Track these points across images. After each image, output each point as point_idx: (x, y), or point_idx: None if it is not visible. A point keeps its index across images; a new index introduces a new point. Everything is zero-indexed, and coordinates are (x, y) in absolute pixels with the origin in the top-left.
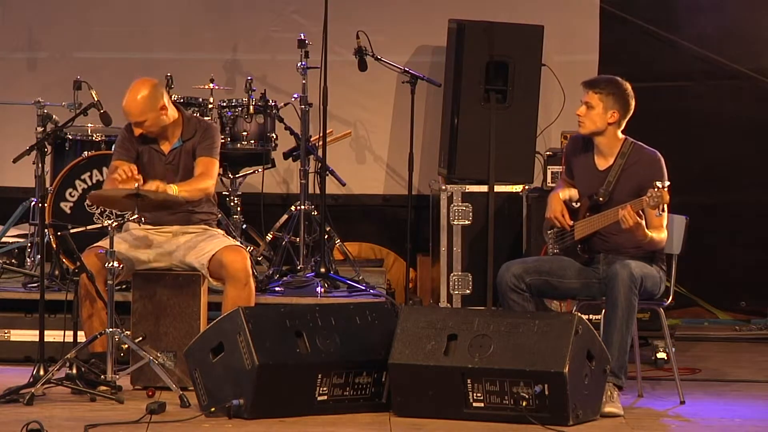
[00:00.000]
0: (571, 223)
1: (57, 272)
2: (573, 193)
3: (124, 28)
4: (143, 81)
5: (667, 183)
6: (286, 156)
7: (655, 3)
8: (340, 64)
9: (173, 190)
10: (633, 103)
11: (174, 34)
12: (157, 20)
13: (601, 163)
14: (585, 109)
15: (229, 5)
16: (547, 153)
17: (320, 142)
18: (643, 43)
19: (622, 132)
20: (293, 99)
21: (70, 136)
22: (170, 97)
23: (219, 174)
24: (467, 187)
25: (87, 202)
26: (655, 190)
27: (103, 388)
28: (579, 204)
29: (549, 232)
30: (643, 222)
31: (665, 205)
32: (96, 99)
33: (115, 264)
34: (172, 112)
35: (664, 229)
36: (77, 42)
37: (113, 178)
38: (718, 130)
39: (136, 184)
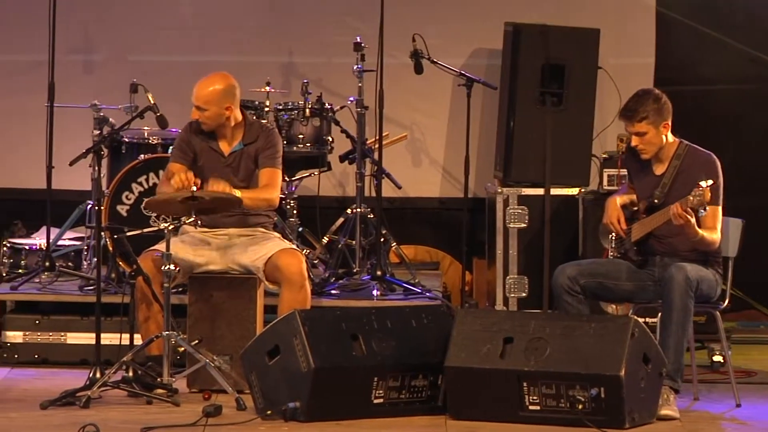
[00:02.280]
0: (625, 227)
1: (113, 275)
2: (633, 197)
3: (180, 31)
4: (224, 75)
5: (711, 182)
6: (342, 159)
7: (710, 6)
8: (396, 67)
9: (237, 195)
10: (669, 103)
11: (231, 37)
12: (214, 23)
13: (658, 168)
14: (638, 138)
15: (286, 8)
16: (603, 156)
17: (376, 145)
18: (699, 46)
19: (674, 135)
20: (349, 102)
21: (126, 139)
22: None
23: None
24: (523, 189)
25: (143, 205)
26: (699, 189)
27: (159, 391)
28: (638, 207)
29: (610, 236)
30: (694, 220)
31: (712, 205)
32: (152, 102)
33: (172, 267)
34: (236, 115)
35: (717, 231)
36: (134, 45)
37: (169, 185)
38: None
39: (193, 188)
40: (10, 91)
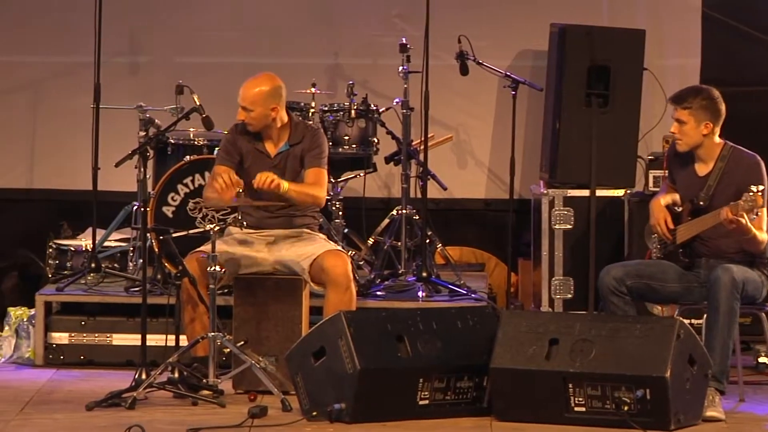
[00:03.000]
0: (671, 228)
1: (159, 276)
2: (676, 197)
3: (226, 32)
4: (270, 76)
5: (762, 187)
6: (387, 160)
7: (756, 6)
8: (441, 68)
9: (284, 185)
10: (723, 108)
11: (276, 38)
12: (259, 25)
13: (701, 169)
14: (677, 125)
15: (331, 10)
16: (649, 157)
17: (422, 147)
18: (745, 47)
19: (720, 136)
20: (395, 103)
21: (172, 141)
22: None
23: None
24: (569, 191)
25: (189, 206)
26: (750, 194)
27: (204, 392)
28: (681, 208)
29: (653, 237)
30: (745, 221)
31: (761, 210)
32: (198, 103)
33: (217, 268)
34: (282, 116)
35: (763, 231)
36: (179, 46)
37: (213, 186)
38: None
39: (238, 190)
40: (56, 93)
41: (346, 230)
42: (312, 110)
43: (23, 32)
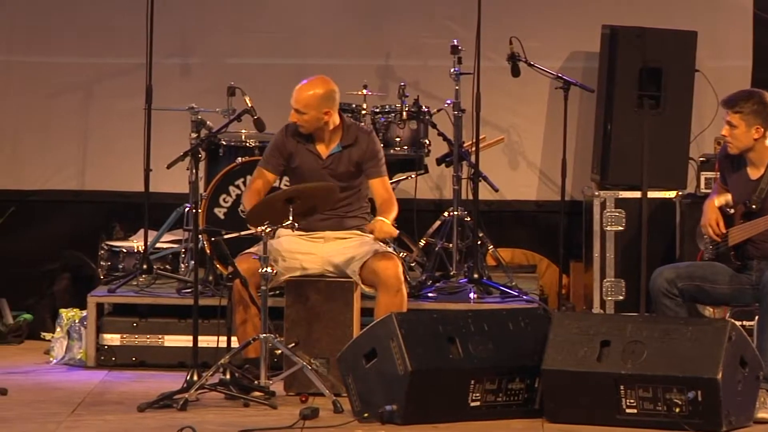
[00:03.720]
0: (724, 231)
1: (211, 278)
2: (728, 198)
3: (277, 34)
4: (324, 80)
5: None
6: (439, 162)
7: None
8: (493, 69)
9: (391, 228)
10: None
11: (327, 40)
12: (310, 26)
13: (753, 173)
14: (728, 128)
15: (383, 11)
16: (701, 159)
17: (473, 148)
18: None
19: None
20: (446, 105)
21: (223, 142)
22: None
23: None
24: (620, 192)
25: (241, 208)
26: None
27: (256, 393)
28: (734, 210)
29: (704, 238)
30: None
31: None
32: (250, 105)
33: (269, 269)
34: (335, 119)
35: None
36: (231, 48)
37: (253, 191)
38: None
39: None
40: (108, 94)
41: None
42: (363, 112)
43: (75, 34)
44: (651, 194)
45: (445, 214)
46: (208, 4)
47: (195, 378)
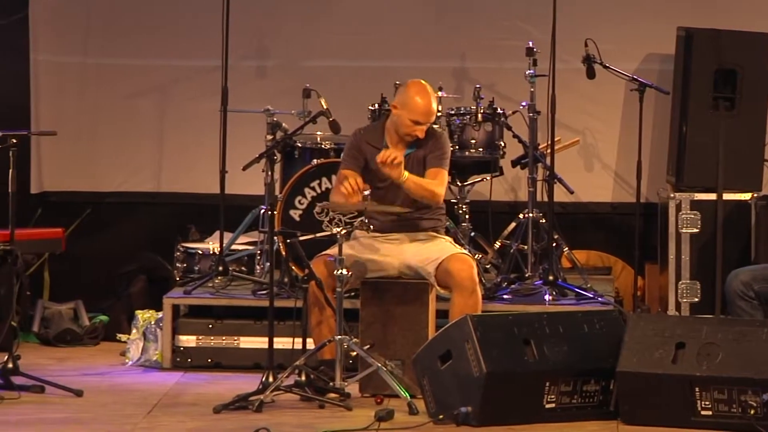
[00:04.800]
0: None
1: (286, 280)
2: None
3: (352, 36)
4: (428, 84)
5: None
6: (514, 164)
7: None
8: (568, 71)
9: (404, 175)
10: None
11: (402, 41)
12: (385, 28)
13: None
14: None
15: (458, 13)
16: None
17: (548, 150)
18: None
19: None
20: (521, 107)
21: (299, 144)
22: None
23: (447, 182)
24: (696, 194)
25: (316, 210)
26: None
27: (331, 395)
28: None
29: None
30: None
31: None
32: (325, 107)
33: (344, 271)
34: None
35: None
36: (306, 50)
37: (340, 191)
38: None
39: (365, 193)
40: (184, 96)
41: (472, 234)
42: (439, 113)
43: (151, 36)
44: (726, 196)
45: (520, 216)
46: (284, 6)
47: (270, 380)
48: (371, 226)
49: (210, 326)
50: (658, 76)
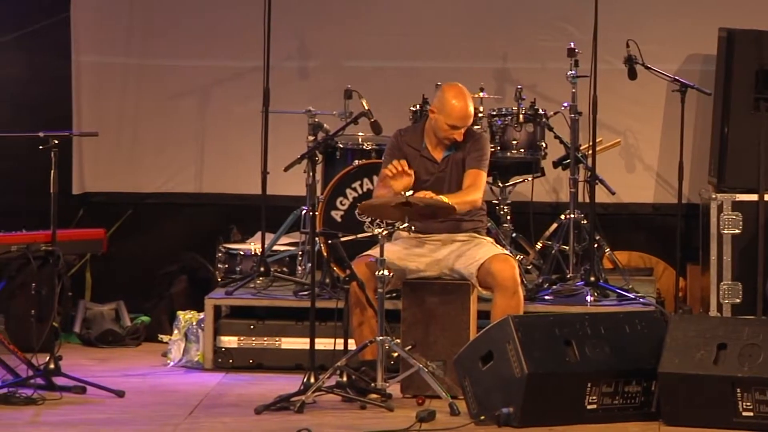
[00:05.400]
0: None
1: (327, 280)
2: None
3: (394, 36)
4: (464, 87)
5: None
6: (555, 165)
7: None
8: (609, 72)
9: (444, 201)
10: None
11: (445, 42)
12: (427, 29)
13: None
14: None
15: (500, 14)
16: None
17: (590, 151)
18: None
19: None
20: (563, 108)
21: (340, 145)
22: None
23: (488, 183)
24: (737, 195)
25: (358, 211)
26: None
27: (373, 395)
28: None
29: None
30: None
31: None
32: (367, 108)
33: (385, 272)
34: None
35: None
36: (348, 51)
37: (382, 177)
38: None
39: (405, 193)
40: (225, 97)
41: (514, 234)
42: (480, 115)
43: (193, 37)
44: None
45: (562, 216)
46: (326, 6)
47: (312, 380)
48: (413, 227)
49: (251, 327)
50: (700, 77)
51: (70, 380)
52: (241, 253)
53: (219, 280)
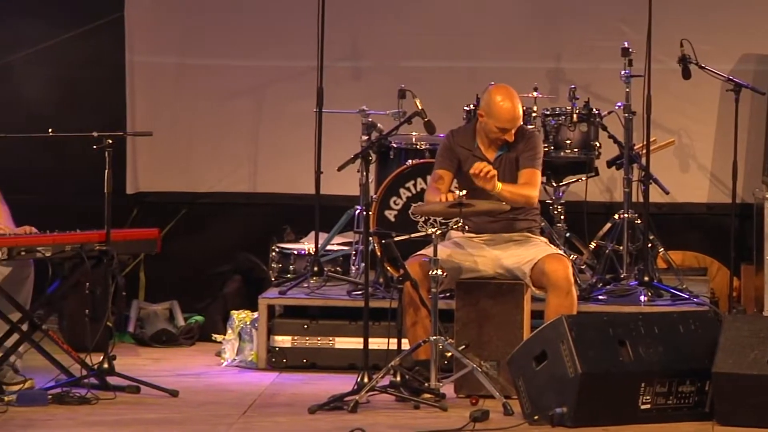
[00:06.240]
0: None
1: (381, 280)
2: None
3: (447, 36)
4: (511, 88)
5: None
6: (609, 164)
7: None
8: (663, 72)
9: (498, 186)
10: None
11: (498, 42)
12: (481, 29)
13: None
14: None
15: (553, 14)
16: None
17: (644, 151)
18: None
19: None
20: (616, 107)
21: (394, 145)
22: None
23: (542, 182)
24: None
25: (411, 211)
26: None
27: (426, 395)
28: None
29: None
30: None
31: None
32: (420, 107)
33: (439, 272)
34: None
35: None
36: (401, 50)
37: (434, 181)
38: None
39: (458, 193)
40: (280, 97)
41: (567, 234)
42: (534, 114)
43: (247, 37)
44: None
45: (616, 216)
46: (379, 6)
47: (365, 380)
48: (466, 227)
49: (305, 327)
50: (754, 77)
51: (124, 380)
52: (295, 252)
53: (272, 279)
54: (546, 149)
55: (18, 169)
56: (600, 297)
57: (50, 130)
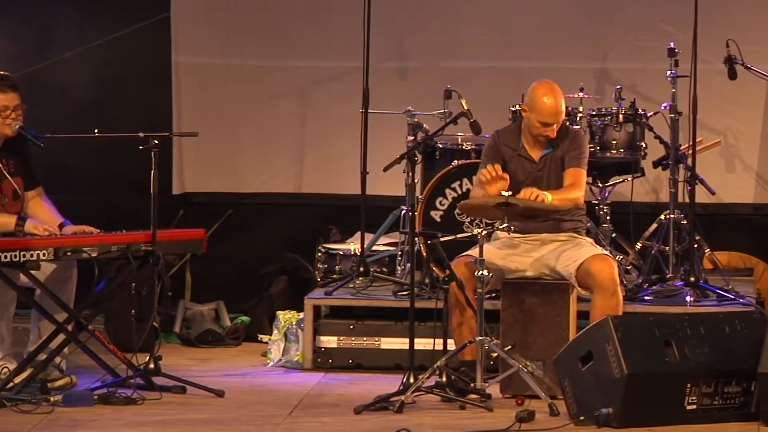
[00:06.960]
0: None
1: (427, 280)
2: None
3: (493, 37)
4: (554, 84)
5: None
6: (655, 165)
7: None
8: (709, 72)
9: (548, 198)
10: None
11: (544, 42)
12: (527, 29)
13: None
14: None
15: (600, 14)
16: None
17: (690, 151)
18: None
19: None
20: (663, 108)
21: (440, 145)
22: None
23: (588, 183)
24: None
25: (457, 210)
26: None
27: (472, 396)
28: None
29: None
30: None
31: None
32: (466, 108)
33: (485, 272)
34: None
35: None
36: (447, 51)
37: (479, 179)
38: None
39: (505, 193)
40: (326, 98)
41: (613, 234)
42: (580, 115)
43: (292, 37)
44: None
45: (662, 217)
46: (425, 7)
47: (411, 380)
48: (512, 227)
49: (351, 327)
50: None
51: (169, 380)
52: (341, 253)
53: (318, 280)
54: (592, 150)
55: (64, 169)
56: (646, 297)
57: (96, 130)
